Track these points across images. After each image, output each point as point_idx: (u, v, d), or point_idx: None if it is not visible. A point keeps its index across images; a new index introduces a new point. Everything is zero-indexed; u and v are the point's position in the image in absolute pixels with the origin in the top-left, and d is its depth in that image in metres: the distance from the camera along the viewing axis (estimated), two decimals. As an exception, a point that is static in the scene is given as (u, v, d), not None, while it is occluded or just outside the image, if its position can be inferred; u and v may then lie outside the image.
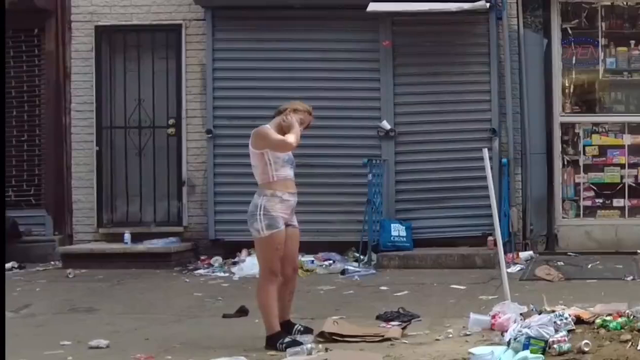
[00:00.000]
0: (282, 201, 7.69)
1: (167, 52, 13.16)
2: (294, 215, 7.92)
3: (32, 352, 7.56)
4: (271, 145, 7.67)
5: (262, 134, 7.71)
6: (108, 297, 10.36)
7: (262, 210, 7.61)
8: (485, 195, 12.46)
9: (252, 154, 7.76)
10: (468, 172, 12.62)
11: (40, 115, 13.39)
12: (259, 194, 7.70)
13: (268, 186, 7.67)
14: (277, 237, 7.65)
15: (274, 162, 7.68)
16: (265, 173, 7.69)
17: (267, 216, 7.60)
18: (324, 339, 7.81)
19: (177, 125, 13.10)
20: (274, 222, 7.61)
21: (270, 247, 7.65)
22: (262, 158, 7.70)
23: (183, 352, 7.55)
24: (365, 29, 12.77)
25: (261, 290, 7.76)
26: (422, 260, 12.05)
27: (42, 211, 13.28)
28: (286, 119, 7.82)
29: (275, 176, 7.69)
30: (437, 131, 12.78)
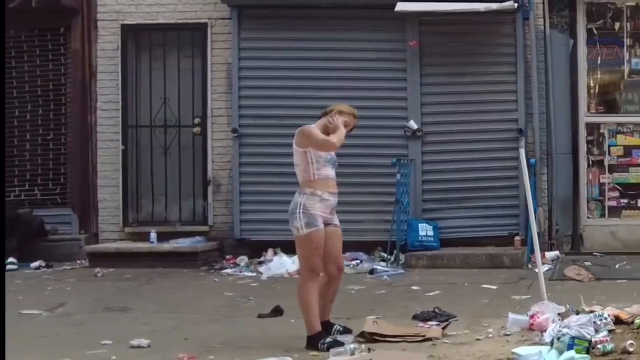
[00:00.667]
0: (321, 200, 7.72)
1: (192, 50, 13.12)
2: (334, 214, 7.94)
3: (74, 352, 7.58)
4: (314, 144, 7.72)
5: (307, 132, 7.77)
6: (139, 296, 10.36)
7: (301, 209, 7.67)
8: (511, 195, 12.70)
9: (295, 152, 7.82)
10: (494, 172, 12.65)
11: (66, 114, 13.37)
12: (299, 193, 7.76)
13: (308, 185, 7.72)
14: (316, 235, 7.68)
15: (315, 161, 7.74)
16: (306, 171, 7.74)
17: (306, 214, 7.64)
18: (365, 339, 7.82)
19: (203, 124, 13.06)
20: (313, 220, 7.64)
21: (309, 245, 7.69)
22: (304, 157, 7.75)
23: (224, 352, 7.54)
24: (392, 29, 12.73)
25: (302, 289, 7.78)
26: (451, 260, 12.04)
27: (67, 210, 13.26)
28: (332, 121, 7.89)
29: (317, 175, 7.74)
30: (463, 131, 12.75)
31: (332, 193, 7.81)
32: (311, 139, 7.74)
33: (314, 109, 12.60)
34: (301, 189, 7.78)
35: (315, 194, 7.70)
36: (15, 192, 13.27)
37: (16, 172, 13.32)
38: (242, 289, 10.86)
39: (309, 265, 7.75)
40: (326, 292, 7.98)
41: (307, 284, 7.77)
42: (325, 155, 7.78)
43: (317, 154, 7.74)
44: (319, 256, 7.72)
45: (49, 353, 7.54)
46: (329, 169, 7.80)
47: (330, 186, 7.81)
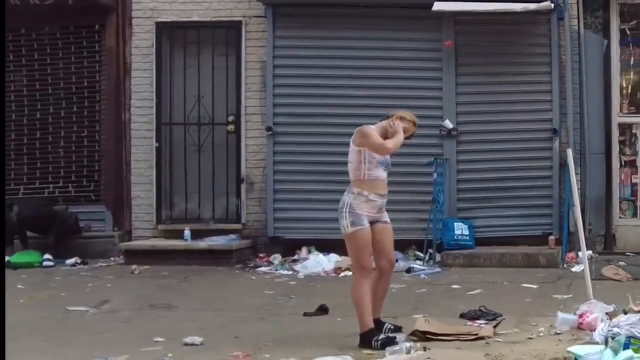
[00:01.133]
0: (367, 201, 7.77)
1: (226, 48, 13.13)
2: (384, 212, 7.96)
3: (129, 348, 7.57)
4: (370, 146, 7.79)
5: (364, 133, 7.83)
6: (181, 294, 10.36)
7: (347, 208, 7.72)
8: (544, 194, 12.71)
9: (351, 150, 7.90)
10: (529, 172, 12.69)
11: (100, 111, 13.39)
12: (347, 192, 7.82)
13: (357, 184, 7.78)
14: (362, 233, 7.72)
15: (368, 162, 7.81)
16: (358, 170, 7.81)
17: (351, 213, 7.70)
18: (417, 338, 7.82)
19: (236, 122, 13.07)
20: (358, 219, 7.69)
21: (357, 243, 7.74)
22: (358, 155, 7.81)
23: (278, 350, 7.53)
24: (427, 29, 12.74)
25: (355, 287, 7.83)
26: (487, 259, 12.06)
27: (101, 207, 13.28)
28: (393, 125, 7.91)
29: (367, 175, 7.79)
30: (498, 130, 12.76)
31: (379, 194, 7.85)
32: (367, 139, 7.80)
33: (348, 107, 12.78)
34: (350, 187, 7.83)
35: (362, 194, 7.75)
36: (49, 188, 13.31)
37: (50, 168, 13.37)
38: (281, 287, 10.87)
39: (359, 264, 7.80)
40: (377, 287, 8.02)
41: (360, 281, 7.81)
42: (378, 157, 7.83)
43: (371, 154, 7.80)
44: (368, 253, 7.77)
45: (105, 349, 7.54)
46: (380, 171, 7.85)
47: (379, 187, 7.85)
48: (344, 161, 12.17)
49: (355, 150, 7.83)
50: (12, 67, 13.44)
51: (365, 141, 7.79)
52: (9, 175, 13.35)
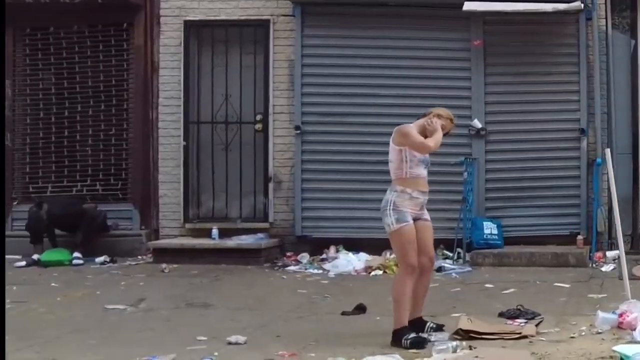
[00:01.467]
0: (411, 198, 7.78)
1: (254, 47, 13.16)
2: (424, 210, 7.98)
3: (173, 347, 7.52)
4: (411, 144, 7.79)
5: (404, 132, 7.83)
6: (215, 293, 10.35)
7: (391, 205, 7.74)
8: (572, 194, 12.73)
9: (391, 149, 7.89)
10: (557, 172, 12.74)
11: (128, 109, 13.42)
12: (390, 190, 7.83)
13: (400, 182, 7.79)
14: (407, 230, 7.74)
15: (409, 160, 7.81)
16: (399, 169, 7.81)
17: (395, 210, 7.72)
18: (460, 337, 7.81)
19: (264, 121, 13.09)
20: (403, 216, 7.71)
21: (402, 239, 7.75)
22: (399, 154, 7.81)
23: (322, 349, 7.49)
24: (456, 28, 12.78)
25: (398, 283, 7.83)
26: (517, 258, 12.09)
27: (129, 205, 13.30)
28: (431, 123, 7.92)
29: (409, 173, 7.80)
30: (526, 130, 12.80)
31: (421, 192, 7.87)
32: (408, 138, 7.80)
33: (376, 107, 12.79)
34: (392, 185, 7.84)
35: (405, 191, 7.76)
36: (77, 187, 13.34)
37: (78, 167, 13.40)
38: (313, 286, 10.87)
39: (406, 261, 7.79)
40: (418, 286, 8.01)
41: (404, 278, 7.81)
42: (419, 155, 7.84)
43: (412, 153, 7.81)
44: (413, 250, 7.77)
45: (149, 348, 7.51)
46: (421, 169, 7.87)
47: (421, 185, 7.87)
48: (372, 160, 12.49)
49: (395, 150, 7.84)
50: (41, 66, 13.53)
51: (406, 140, 7.79)
52: (36, 173, 13.44)
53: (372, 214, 12.45)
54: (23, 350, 7.48)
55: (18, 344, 7.66)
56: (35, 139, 13.49)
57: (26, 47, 13.53)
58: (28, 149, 13.54)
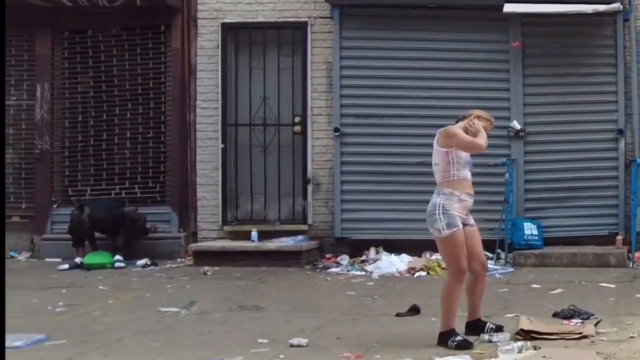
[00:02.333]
0: (459, 200, 7.74)
1: (292, 49, 13.16)
2: (469, 214, 7.96)
3: (236, 349, 7.54)
4: (460, 145, 7.74)
5: (452, 132, 7.79)
6: (262, 295, 10.35)
7: (440, 209, 7.67)
8: (610, 195, 12.76)
9: (436, 152, 7.82)
10: (595, 172, 12.77)
11: (166, 112, 13.41)
12: (437, 193, 7.77)
13: (447, 185, 7.74)
14: (458, 235, 7.69)
15: (456, 162, 7.76)
16: (446, 171, 7.75)
17: (446, 215, 7.65)
18: (521, 337, 7.83)
19: (302, 123, 13.10)
20: (453, 220, 7.66)
21: (454, 245, 7.69)
22: (445, 157, 7.75)
23: (386, 351, 7.50)
24: (495, 30, 12.81)
25: (448, 289, 7.78)
26: (558, 258, 12.15)
27: (167, 208, 13.31)
28: (473, 124, 7.91)
29: (456, 175, 7.75)
30: (564, 131, 12.83)
31: (468, 194, 7.85)
32: (456, 138, 7.74)
33: (415, 108, 12.83)
34: (439, 189, 7.77)
35: (453, 194, 7.72)
36: (115, 190, 13.35)
37: (116, 170, 13.41)
38: (360, 288, 10.87)
39: (456, 267, 7.73)
40: (474, 290, 8.04)
41: (454, 284, 7.76)
42: (465, 157, 7.80)
43: (458, 155, 7.76)
44: (464, 256, 7.73)
45: (213, 350, 7.53)
46: (467, 171, 7.83)
47: (467, 187, 7.84)
48: (411, 162, 12.51)
49: (441, 152, 7.77)
50: (79, 69, 13.55)
51: (454, 141, 7.73)
52: (75, 177, 13.45)
53: (411, 215, 12.58)
54: (89, 354, 7.50)
55: (83, 347, 7.70)
56: (74, 143, 13.51)
57: (65, 51, 13.54)
58: (67, 152, 13.54)
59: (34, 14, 13.03)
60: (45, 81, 13.31)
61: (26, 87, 13.55)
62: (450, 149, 7.73)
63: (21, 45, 13.52)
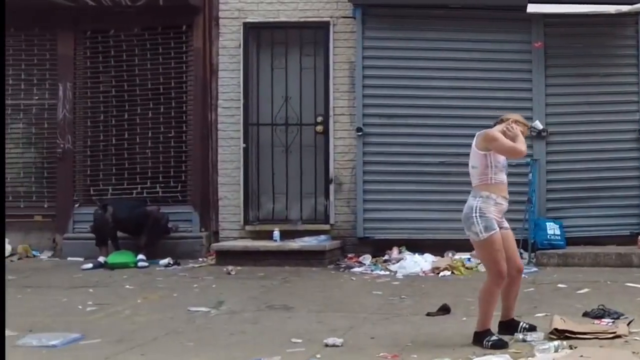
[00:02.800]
0: (496, 204, 7.73)
1: (314, 49, 13.18)
2: (504, 218, 7.95)
3: (271, 349, 7.54)
4: (500, 149, 7.73)
5: (492, 136, 7.76)
6: (289, 295, 10.34)
7: (477, 212, 7.65)
8: (632, 195, 12.79)
9: (474, 154, 7.81)
10: (616, 172, 12.83)
11: (187, 111, 13.42)
12: (474, 196, 7.75)
13: (485, 188, 7.73)
14: (496, 238, 7.67)
15: (494, 166, 7.74)
16: (484, 175, 7.74)
17: (483, 217, 7.64)
18: (555, 336, 7.84)
19: (325, 123, 13.11)
20: (491, 223, 7.65)
21: (492, 248, 7.68)
22: (484, 160, 7.74)
23: (422, 351, 7.50)
24: (517, 30, 12.85)
25: (487, 291, 7.79)
26: (581, 258, 12.20)
27: (188, 208, 13.30)
28: (512, 129, 7.89)
29: (493, 179, 7.75)
30: (586, 131, 12.87)
31: (504, 198, 7.83)
32: (497, 142, 7.72)
33: (438, 108, 12.84)
34: (476, 192, 7.76)
35: (490, 197, 7.70)
36: (137, 189, 13.36)
37: (138, 169, 13.41)
38: (386, 287, 10.88)
39: (497, 270, 7.70)
40: (509, 292, 8.03)
41: (493, 287, 7.76)
42: (503, 160, 7.80)
43: (496, 158, 7.75)
44: (503, 259, 7.71)
45: (249, 350, 7.52)
46: (503, 174, 7.83)
47: (504, 191, 7.83)
48: (434, 162, 12.56)
49: (480, 155, 7.76)
50: (101, 68, 13.57)
51: (494, 145, 7.71)
52: (97, 176, 13.44)
53: (433, 215, 12.63)
54: (126, 353, 7.50)
55: (118, 347, 7.70)
56: (96, 142, 13.52)
57: (87, 50, 13.56)
58: (89, 151, 13.55)
59: (57, 13, 13.06)
60: (67, 81, 13.32)
61: (48, 87, 13.54)
62: (489, 152, 7.72)
63: (44, 45, 13.53)
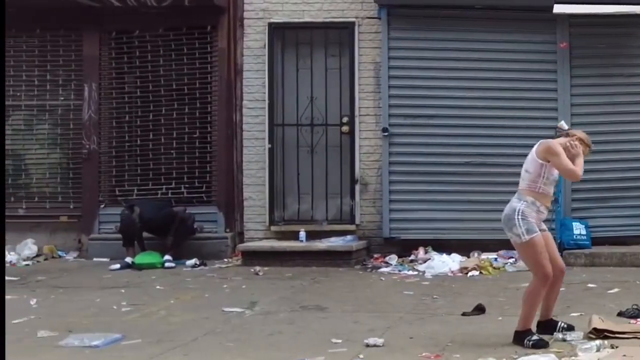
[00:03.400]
0: (538, 211, 7.79)
1: (339, 49, 13.19)
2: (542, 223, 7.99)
3: (313, 350, 7.52)
4: (559, 167, 7.80)
5: (555, 151, 7.80)
6: (321, 295, 10.33)
7: (520, 215, 7.69)
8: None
9: (532, 160, 7.85)
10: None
11: (212, 112, 13.42)
12: (518, 199, 7.80)
13: (531, 194, 7.78)
14: (538, 240, 7.71)
15: (546, 177, 7.81)
16: (534, 182, 7.79)
17: (524, 220, 7.68)
18: (594, 336, 7.85)
19: (350, 123, 13.12)
20: (532, 226, 7.69)
21: (535, 250, 7.72)
22: (539, 169, 7.79)
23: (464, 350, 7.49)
24: (542, 31, 12.86)
25: (532, 292, 7.81)
26: (608, 258, 12.21)
27: (213, 208, 13.30)
28: (575, 147, 7.99)
29: (541, 189, 7.81)
30: (611, 131, 12.86)
31: (547, 208, 7.91)
32: (558, 159, 7.77)
33: (464, 109, 12.83)
34: (522, 195, 7.81)
35: (534, 204, 7.76)
36: (162, 190, 13.36)
37: (163, 170, 13.41)
38: (416, 287, 10.88)
39: (543, 272, 7.73)
40: (550, 293, 8.04)
41: (539, 287, 7.79)
42: (556, 174, 7.87)
43: (551, 171, 7.81)
44: (547, 260, 7.75)
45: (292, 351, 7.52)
46: (552, 187, 7.91)
47: (548, 202, 7.90)
48: (460, 162, 12.55)
49: (537, 163, 7.80)
50: (126, 69, 13.58)
51: (554, 160, 7.76)
52: (122, 176, 13.44)
53: (459, 215, 12.64)
54: (168, 354, 7.49)
55: (160, 347, 7.69)
56: (121, 142, 13.52)
57: (112, 51, 13.57)
58: (114, 152, 13.56)
59: (82, 14, 13.06)
60: (92, 81, 13.33)
61: (74, 87, 13.55)
62: (546, 163, 7.77)
63: (69, 46, 13.54)
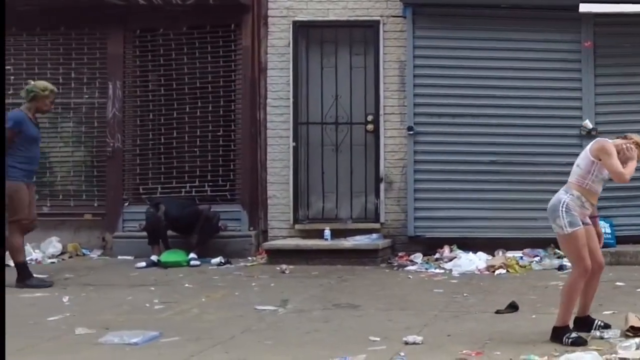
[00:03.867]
0: (582, 207, 7.81)
1: (364, 48, 13.17)
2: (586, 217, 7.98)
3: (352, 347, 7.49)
4: (609, 167, 7.80)
5: (607, 151, 7.81)
6: (351, 294, 10.30)
7: (564, 207, 7.74)
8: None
9: (585, 156, 7.89)
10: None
11: (236, 110, 13.41)
12: (566, 191, 7.85)
13: (578, 189, 7.82)
14: (580, 234, 7.74)
15: (595, 176, 7.84)
16: (583, 177, 7.83)
17: (568, 213, 7.72)
18: (632, 334, 7.84)
19: (375, 122, 13.11)
20: (575, 219, 7.72)
21: (577, 243, 7.75)
22: (590, 166, 7.83)
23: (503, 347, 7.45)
24: (567, 30, 12.84)
25: (571, 284, 7.85)
26: (633, 257, 12.24)
27: (237, 206, 13.27)
28: (630, 151, 7.99)
29: (589, 186, 7.84)
30: (636, 131, 12.68)
31: (592, 205, 7.93)
32: (609, 161, 7.77)
33: (489, 107, 12.84)
34: (569, 188, 7.85)
35: (580, 199, 7.79)
36: (186, 188, 13.34)
37: (186, 168, 13.39)
38: (445, 285, 10.87)
39: (581, 263, 7.78)
40: (588, 288, 8.07)
41: (577, 280, 7.83)
42: (605, 174, 7.88)
43: (601, 170, 7.83)
44: (586, 253, 7.79)
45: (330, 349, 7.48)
46: (600, 186, 7.93)
47: (594, 199, 7.92)
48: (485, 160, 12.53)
49: (589, 160, 7.83)
50: (150, 67, 13.56)
51: (605, 159, 7.77)
52: (146, 174, 13.42)
53: (485, 214, 12.64)
54: (208, 352, 7.45)
55: (199, 345, 7.66)
56: (145, 141, 13.50)
57: (136, 49, 13.55)
58: (138, 150, 13.54)
59: (107, 12, 13.06)
60: (117, 79, 13.32)
61: (98, 86, 13.54)
62: (598, 161, 7.80)
63: (93, 44, 13.53)
